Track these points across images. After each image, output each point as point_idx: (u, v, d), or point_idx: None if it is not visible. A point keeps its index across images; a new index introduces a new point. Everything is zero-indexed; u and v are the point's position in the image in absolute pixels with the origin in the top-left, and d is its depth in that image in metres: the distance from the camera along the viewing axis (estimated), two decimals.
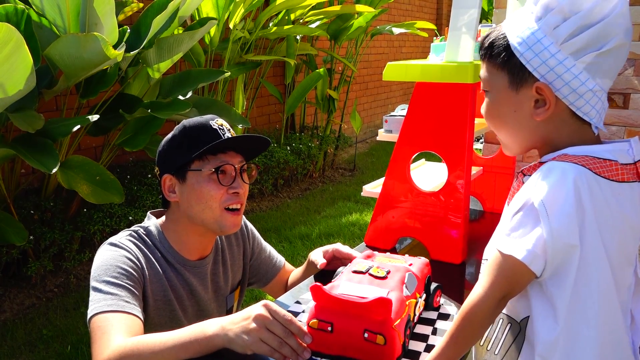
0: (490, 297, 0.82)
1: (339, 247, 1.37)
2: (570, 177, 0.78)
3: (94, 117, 2.63)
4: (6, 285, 3.01)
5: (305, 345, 0.96)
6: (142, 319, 1.12)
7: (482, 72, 0.91)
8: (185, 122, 1.25)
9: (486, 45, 0.88)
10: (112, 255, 1.17)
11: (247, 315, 0.97)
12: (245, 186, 1.27)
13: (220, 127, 1.24)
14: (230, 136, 1.24)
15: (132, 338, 1.03)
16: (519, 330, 0.87)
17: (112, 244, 1.20)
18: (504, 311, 0.90)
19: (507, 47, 0.84)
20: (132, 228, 1.27)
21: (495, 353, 0.90)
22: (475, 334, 0.85)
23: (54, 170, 2.37)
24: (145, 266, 1.21)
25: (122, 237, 1.23)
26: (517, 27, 0.84)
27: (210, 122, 1.24)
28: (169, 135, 1.27)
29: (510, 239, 0.81)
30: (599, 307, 0.81)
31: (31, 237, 2.90)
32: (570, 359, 0.81)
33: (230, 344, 0.95)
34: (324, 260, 1.33)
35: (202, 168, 1.21)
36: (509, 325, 0.89)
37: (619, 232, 0.83)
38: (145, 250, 1.23)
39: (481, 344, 0.94)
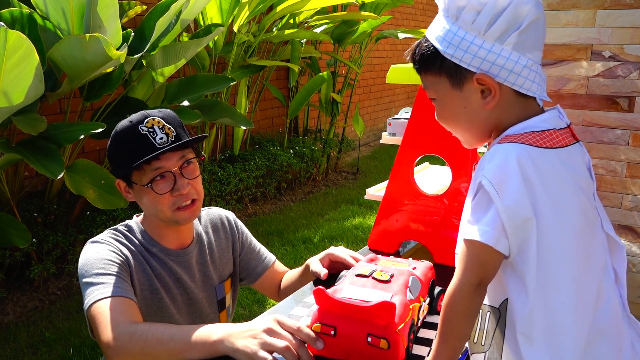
0: (465, 285, 0.83)
1: (332, 251, 1.37)
2: (513, 155, 0.82)
3: (100, 129, 2.63)
4: (9, 288, 3.02)
5: (319, 349, 0.95)
6: (135, 300, 1.15)
7: (423, 84, 0.96)
8: (117, 127, 1.23)
9: (417, 58, 0.94)
10: (95, 251, 1.20)
11: (255, 326, 0.97)
12: (192, 181, 1.26)
13: (150, 129, 1.20)
14: (163, 136, 1.21)
15: (142, 323, 1.06)
16: (499, 315, 0.87)
17: (93, 242, 1.24)
18: (487, 302, 0.90)
19: (437, 53, 0.89)
20: (114, 226, 1.31)
21: (482, 344, 0.90)
22: (460, 326, 0.85)
23: (60, 177, 2.38)
24: (128, 257, 1.24)
25: (103, 234, 1.27)
26: (439, 32, 0.90)
27: (139, 127, 1.20)
28: (108, 142, 1.25)
29: (470, 225, 0.84)
30: (567, 272, 0.83)
31: (34, 240, 2.91)
32: (550, 328, 0.82)
33: (235, 353, 0.95)
34: (326, 270, 1.33)
35: (139, 182, 1.23)
36: (489, 313, 0.89)
37: (576, 194, 0.86)
38: (127, 243, 1.27)
39: (470, 337, 0.94)
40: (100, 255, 1.19)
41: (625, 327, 0.89)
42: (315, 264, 1.37)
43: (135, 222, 1.33)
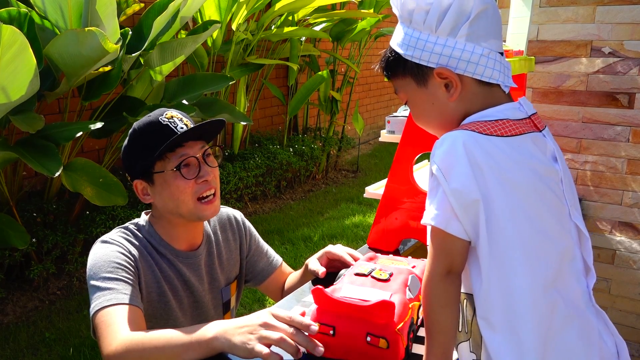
0: (435, 275, 0.85)
1: (330, 249, 1.37)
2: (459, 141, 0.84)
3: (97, 125, 2.62)
4: (9, 288, 3.01)
5: (313, 334, 0.95)
6: (142, 307, 1.15)
7: (395, 88, 1.00)
8: (135, 124, 1.24)
9: (384, 66, 1.00)
10: (105, 252, 1.19)
11: (251, 322, 0.96)
12: (213, 170, 1.27)
13: (170, 120, 1.22)
14: (183, 127, 1.23)
15: (139, 332, 1.05)
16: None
17: (103, 241, 1.22)
18: (463, 290, 0.91)
19: (400, 57, 0.95)
20: (124, 225, 1.30)
21: (466, 332, 0.90)
22: (440, 318, 0.85)
23: (57, 174, 2.37)
24: (138, 258, 1.23)
25: (113, 233, 1.26)
26: (398, 38, 0.95)
27: (159, 118, 1.22)
28: (126, 141, 1.26)
29: (426, 211, 0.86)
30: (522, 256, 0.83)
31: (34, 240, 2.90)
32: (508, 313, 0.82)
33: (232, 349, 0.94)
34: (324, 269, 1.33)
35: (164, 169, 1.22)
36: (466, 300, 0.90)
37: (531, 180, 0.87)
38: (137, 243, 1.26)
39: None
40: (109, 257, 1.18)
41: (592, 316, 0.89)
42: (314, 262, 1.37)
43: (144, 221, 1.31)
